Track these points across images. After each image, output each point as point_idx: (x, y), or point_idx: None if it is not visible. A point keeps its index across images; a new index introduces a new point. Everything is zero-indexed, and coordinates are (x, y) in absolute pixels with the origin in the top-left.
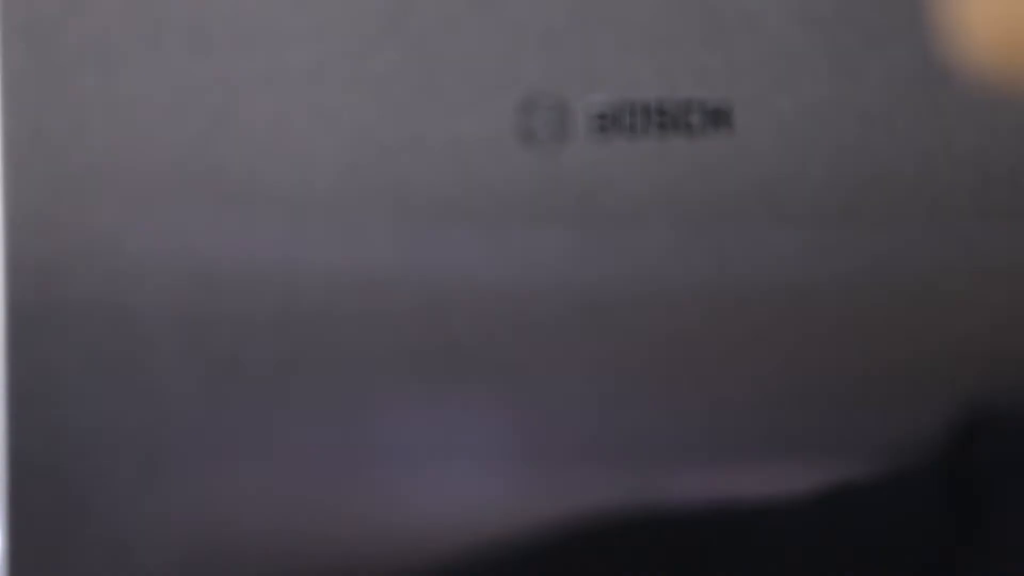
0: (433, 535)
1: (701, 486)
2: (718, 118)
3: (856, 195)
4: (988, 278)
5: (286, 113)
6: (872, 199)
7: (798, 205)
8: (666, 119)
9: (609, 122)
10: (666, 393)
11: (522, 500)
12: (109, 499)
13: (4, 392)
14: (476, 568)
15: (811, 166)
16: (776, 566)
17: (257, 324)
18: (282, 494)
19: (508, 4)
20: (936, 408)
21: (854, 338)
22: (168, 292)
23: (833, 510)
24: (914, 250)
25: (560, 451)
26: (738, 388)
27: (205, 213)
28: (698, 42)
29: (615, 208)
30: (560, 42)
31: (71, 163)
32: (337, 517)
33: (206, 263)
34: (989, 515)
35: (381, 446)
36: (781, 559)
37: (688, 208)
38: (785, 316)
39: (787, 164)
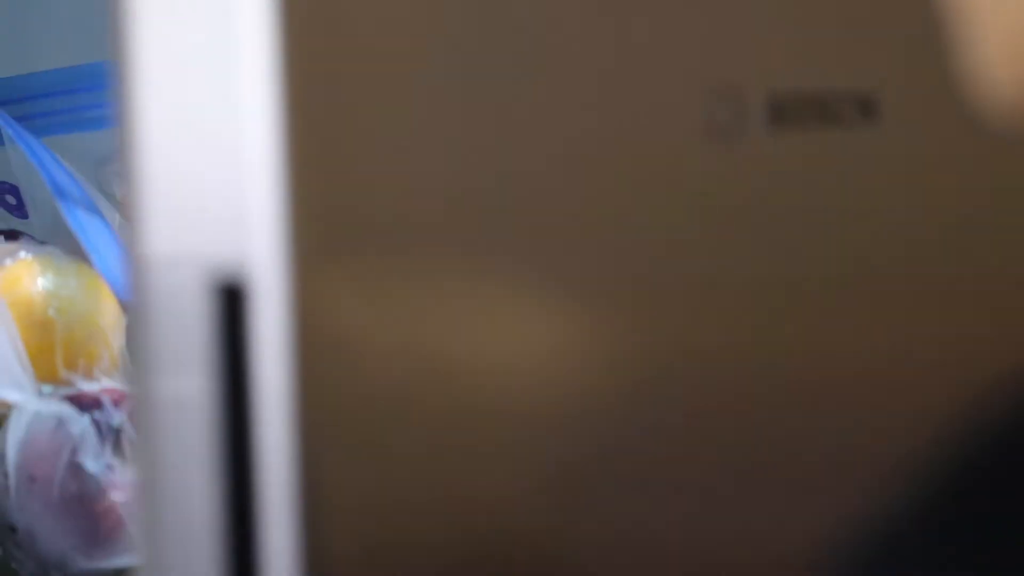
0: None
1: None
2: (867, 108)
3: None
4: None
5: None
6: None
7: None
8: (822, 110)
9: (781, 114)
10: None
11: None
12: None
13: (297, 416)
14: None
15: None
16: None
17: None
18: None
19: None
20: None
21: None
22: None
23: None
24: None
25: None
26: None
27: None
28: (848, 29)
29: (794, 203)
30: (729, 33)
31: (359, 173)
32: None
33: None
34: None
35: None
36: None
37: (852, 202)
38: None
39: (935, 155)
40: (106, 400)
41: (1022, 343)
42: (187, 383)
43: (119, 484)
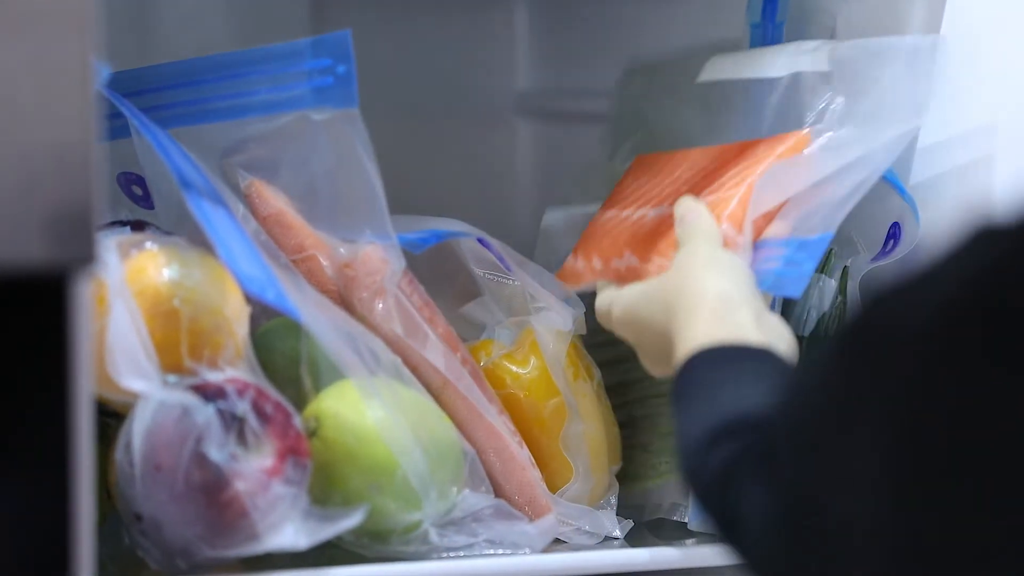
0: None
1: None
2: None
3: None
4: None
5: None
6: None
7: None
8: None
9: None
10: None
11: None
12: None
13: None
14: None
15: None
16: None
17: None
18: None
19: None
20: None
21: None
22: None
23: None
24: None
25: None
26: None
27: None
28: None
29: None
30: None
31: None
32: None
33: None
34: None
35: None
36: None
37: None
38: None
39: None
40: (230, 389)
41: None
42: None
43: (243, 473)
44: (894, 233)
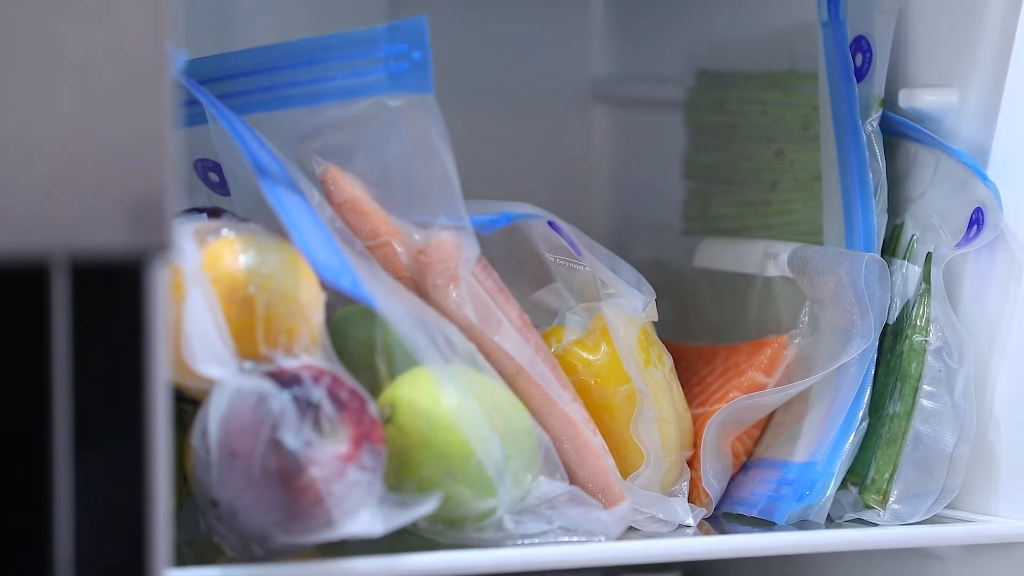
0: None
1: None
2: None
3: None
4: None
5: None
6: None
7: None
8: None
9: None
10: None
11: None
12: None
13: None
14: None
15: None
16: None
17: None
18: None
19: None
20: None
21: None
22: None
23: None
24: None
25: None
26: None
27: None
28: None
29: None
30: None
31: None
32: None
33: None
34: None
35: None
36: None
37: None
38: None
39: None
40: (306, 376)
41: None
42: None
43: (318, 460)
44: (977, 219)
